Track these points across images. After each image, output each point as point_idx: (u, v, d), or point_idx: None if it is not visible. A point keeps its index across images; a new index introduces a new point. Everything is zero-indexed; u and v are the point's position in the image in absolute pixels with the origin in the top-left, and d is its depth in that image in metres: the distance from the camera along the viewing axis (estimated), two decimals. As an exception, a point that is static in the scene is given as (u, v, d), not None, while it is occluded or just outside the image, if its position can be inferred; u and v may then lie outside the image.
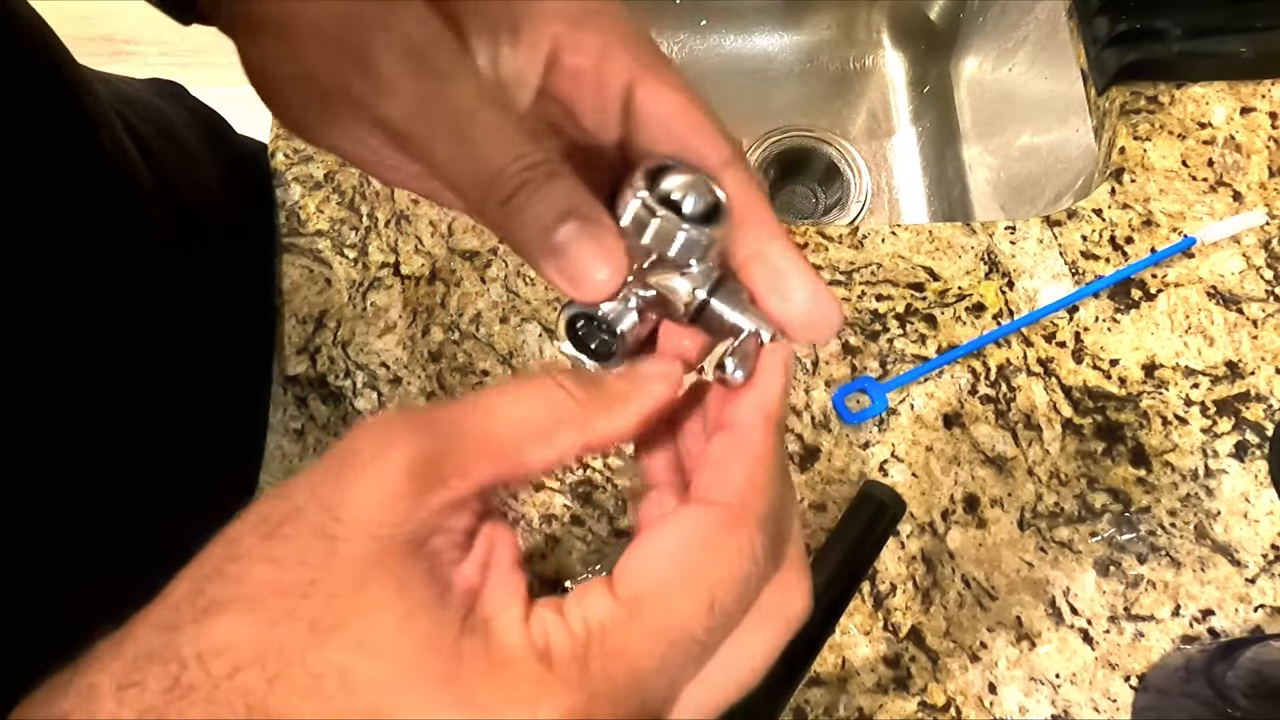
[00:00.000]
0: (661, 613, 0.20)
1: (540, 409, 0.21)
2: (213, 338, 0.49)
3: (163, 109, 0.53)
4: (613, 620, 0.19)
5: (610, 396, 0.22)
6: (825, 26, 0.88)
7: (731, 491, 0.21)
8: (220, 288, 0.50)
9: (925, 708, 0.47)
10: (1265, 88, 0.60)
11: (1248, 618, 0.48)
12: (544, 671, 0.19)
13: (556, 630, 0.19)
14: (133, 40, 1.52)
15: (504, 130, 0.22)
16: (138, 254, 0.41)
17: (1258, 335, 0.54)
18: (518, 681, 0.18)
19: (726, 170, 0.24)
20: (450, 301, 0.56)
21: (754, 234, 0.24)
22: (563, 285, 0.23)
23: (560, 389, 0.21)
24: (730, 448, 0.22)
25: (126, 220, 0.41)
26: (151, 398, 0.43)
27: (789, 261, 0.24)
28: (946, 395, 0.53)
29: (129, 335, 0.41)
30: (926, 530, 0.50)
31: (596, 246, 0.22)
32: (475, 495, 0.20)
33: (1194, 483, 0.51)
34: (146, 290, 0.42)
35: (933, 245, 0.57)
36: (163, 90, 0.57)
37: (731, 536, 0.21)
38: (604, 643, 0.19)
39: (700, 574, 0.20)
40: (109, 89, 0.47)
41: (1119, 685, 0.47)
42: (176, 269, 0.45)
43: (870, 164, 0.85)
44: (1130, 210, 0.57)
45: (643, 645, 0.19)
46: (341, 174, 0.59)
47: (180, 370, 0.45)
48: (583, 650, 0.19)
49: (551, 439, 0.21)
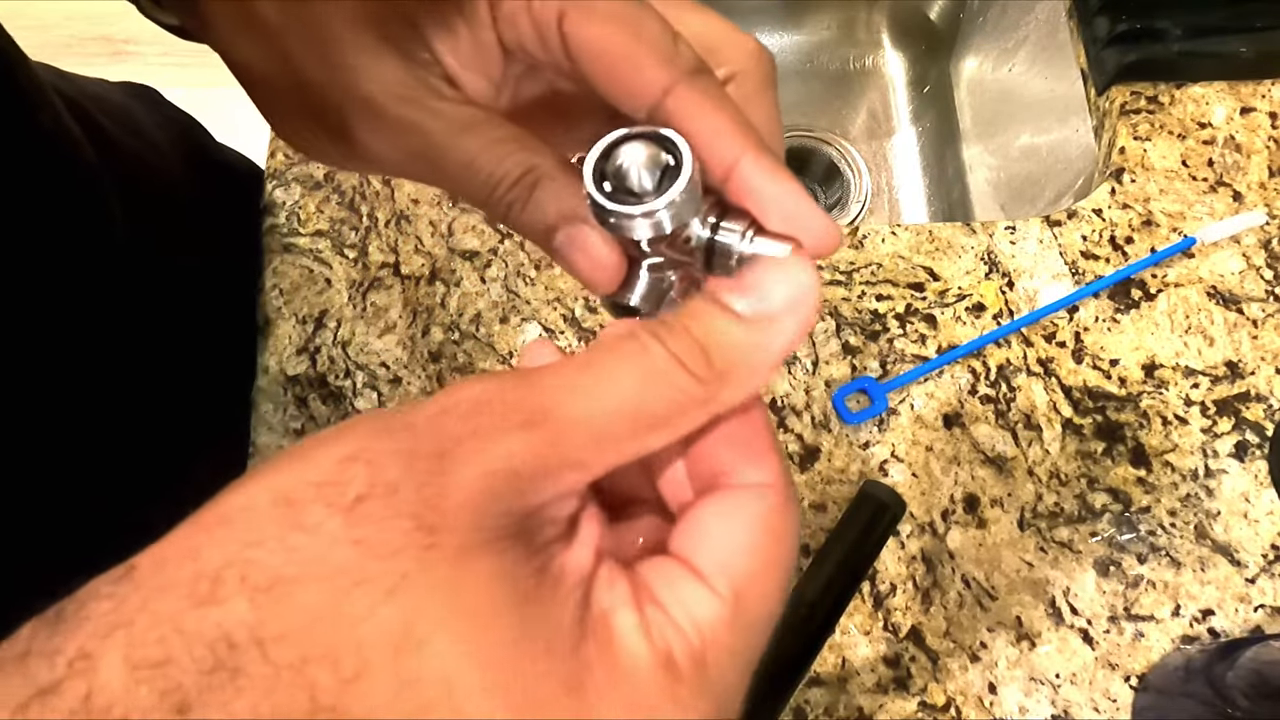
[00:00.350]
0: (756, 605, 0.19)
1: (658, 396, 0.18)
2: (189, 335, 0.49)
3: (131, 108, 0.53)
4: (720, 620, 0.18)
5: (735, 358, 0.19)
6: (825, 26, 0.88)
7: (772, 473, 0.20)
8: (196, 286, 0.50)
9: (925, 708, 0.47)
10: (1265, 88, 0.60)
11: (1248, 618, 0.48)
12: (674, 684, 0.17)
13: (674, 636, 0.18)
14: (133, 40, 1.52)
15: (480, 160, 0.23)
16: (82, 234, 0.41)
17: (1258, 335, 0.54)
18: (649, 696, 0.17)
19: (670, 97, 0.22)
20: (450, 301, 0.56)
21: (721, 153, 0.22)
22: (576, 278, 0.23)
23: (676, 365, 0.19)
24: (750, 427, 0.21)
25: (66, 196, 0.41)
26: (119, 391, 0.42)
27: (761, 177, 0.22)
28: (946, 395, 0.53)
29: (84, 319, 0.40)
30: (926, 530, 0.50)
31: (583, 255, 0.23)
32: (589, 485, 0.19)
33: (1194, 483, 0.51)
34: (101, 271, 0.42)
35: (933, 245, 0.57)
36: (133, 92, 0.57)
37: (786, 521, 0.20)
38: (716, 645, 0.18)
39: (775, 563, 0.19)
40: (70, 85, 0.47)
41: (1119, 685, 0.47)
42: (138, 258, 0.44)
43: (870, 164, 0.85)
44: (1130, 210, 0.57)
45: (746, 641, 0.19)
46: (341, 174, 0.59)
47: (154, 366, 0.45)
48: (701, 656, 0.18)
49: (672, 427, 0.19)
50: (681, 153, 0.21)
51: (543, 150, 0.23)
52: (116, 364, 0.42)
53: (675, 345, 0.19)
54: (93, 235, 0.42)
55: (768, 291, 0.20)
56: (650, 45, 0.22)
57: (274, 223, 0.58)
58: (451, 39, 0.24)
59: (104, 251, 0.42)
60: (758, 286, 0.20)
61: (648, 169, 0.21)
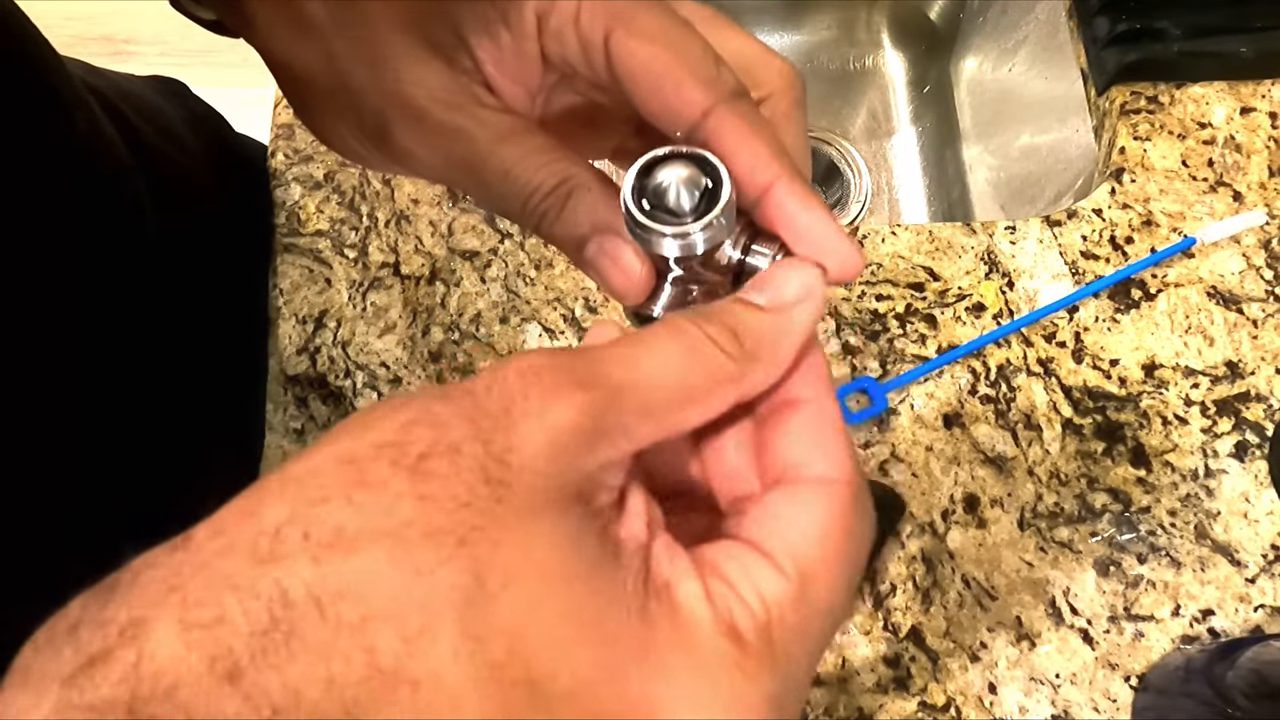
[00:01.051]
0: (824, 592, 0.19)
1: (696, 370, 0.20)
2: (207, 335, 0.49)
3: (161, 106, 0.53)
4: (787, 598, 0.18)
5: (760, 341, 0.21)
6: (825, 26, 0.88)
7: (845, 469, 0.21)
8: (217, 284, 0.51)
9: (925, 708, 0.47)
10: (1265, 88, 0.60)
11: (1248, 618, 0.48)
12: (739, 653, 0.17)
13: (739, 608, 0.18)
14: (133, 40, 1.52)
15: (518, 169, 0.23)
16: (115, 235, 0.41)
17: (1258, 335, 0.54)
18: (715, 665, 0.17)
19: (709, 118, 0.23)
20: (450, 301, 0.56)
21: (756, 177, 0.23)
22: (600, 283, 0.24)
23: (711, 344, 0.20)
24: (824, 422, 0.22)
25: (103, 197, 0.41)
26: (144, 390, 0.43)
27: (794, 204, 0.23)
28: (946, 395, 0.53)
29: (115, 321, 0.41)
30: (926, 530, 0.50)
31: (615, 267, 0.23)
32: (634, 455, 0.19)
33: (1194, 483, 0.51)
34: (132, 274, 0.42)
35: (933, 245, 0.57)
36: (163, 89, 0.57)
37: (858, 517, 0.20)
38: (783, 622, 0.18)
39: (844, 555, 0.20)
40: (106, 83, 0.47)
41: (1119, 685, 0.47)
42: (167, 259, 0.45)
43: (870, 164, 0.85)
44: (1130, 210, 0.57)
45: (815, 625, 0.19)
46: (341, 174, 0.59)
47: (174, 367, 0.45)
48: (767, 631, 0.18)
49: (709, 401, 0.20)
50: (721, 176, 0.22)
51: (578, 161, 0.24)
52: (143, 362, 0.42)
53: (710, 329, 0.20)
54: (125, 236, 0.42)
55: (781, 286, 0.22)
56: (693, 67, 0.23)
57: (274, 223, 0.58)
58: (495, 48, 0.25)
59: (136, 252, 0.42)
60: (772, 282, 0.22)
61: (687, 189, 0.22)
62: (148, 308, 0.43)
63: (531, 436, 0.16)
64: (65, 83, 0.39)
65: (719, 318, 0.21)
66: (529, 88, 0.26)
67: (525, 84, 0.25)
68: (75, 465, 0.39)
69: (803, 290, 0.22)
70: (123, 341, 0.41)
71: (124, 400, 0.41)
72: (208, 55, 1.54)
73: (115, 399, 0.41)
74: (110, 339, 0.40)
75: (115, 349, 0.41)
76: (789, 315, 0.21)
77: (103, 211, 0.41)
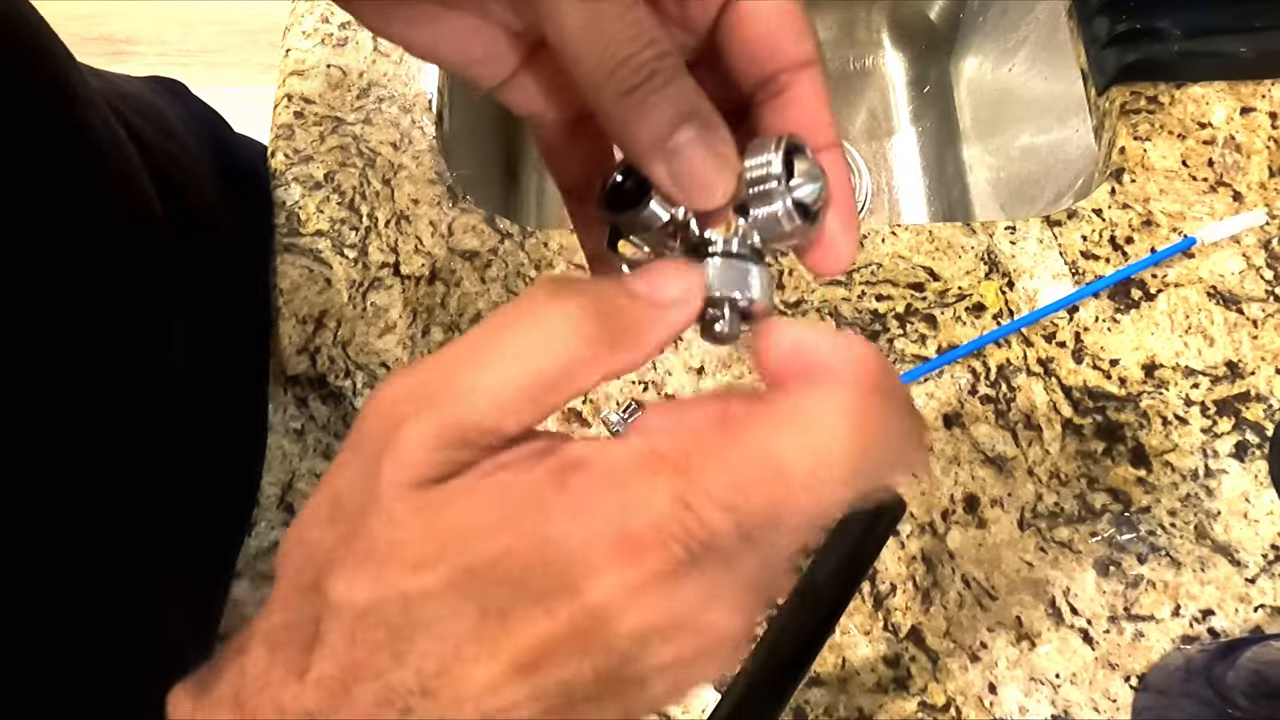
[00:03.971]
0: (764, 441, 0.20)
1: (548, 357, 0.20)
2: (207, 335, 0.49)
3: (160, 106, 0.53)
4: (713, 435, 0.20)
5: (625, 327, 0.21)
6: (825, 26, 0.88)
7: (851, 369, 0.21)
8: (218, 285, 0.50)
9: (925, 708, 0.47)
10: (1265, 88, 0.60)
11: (1248, 618, 0.48)
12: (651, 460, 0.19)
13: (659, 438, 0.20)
14: (133, 40, 1.52)
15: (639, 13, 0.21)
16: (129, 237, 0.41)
17: (1258, 335, 0.54)
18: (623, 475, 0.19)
19: (801, 73, 0.24)
20: (450, 301, 0.56)
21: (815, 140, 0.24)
22: (670, 188, 0.22)
23: (568, 324, 0.20)
24: None
25: (120, 196, 0.41)
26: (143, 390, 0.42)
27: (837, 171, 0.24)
28: (946, 395, 0.53)
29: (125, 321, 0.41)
30: (926, 530, 0.50)
31: (714, 156, 0.22)
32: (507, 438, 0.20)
33: (1194, 483, 0.51)
34: (143, 277, 0.42)
35: (933, 245, 0.57)
36: (162, 88, 0.57)
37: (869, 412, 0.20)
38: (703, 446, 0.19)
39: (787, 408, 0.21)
40: (105, 84, 0.47)
41: (1119, 685, 0.47)
42: (173, 259, 0.45)
43: (870, 164, 0.85)
44: (1130, 210, 0.57)
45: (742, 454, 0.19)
46: (341, 174, 0.59)
47: (175, 366, 0.45)
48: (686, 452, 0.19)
49: (565, 387, 0.20)
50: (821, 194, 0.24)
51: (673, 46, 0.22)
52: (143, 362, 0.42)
53: (575, 305, 0.21)
54: (139, 237, 0.42)
55: (662, 285, 0.22)
56: (800, 24, 0.24)
57: (274, 223, 0.58)
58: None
59: (148, 254, 0.42)
60: (657, 278, 0.22)
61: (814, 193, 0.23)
62: (152, 310, 0.43)
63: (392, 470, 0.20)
64: (81, 81, 0.39)
65: (593, 300, 0.21)
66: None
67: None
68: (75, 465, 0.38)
69: (680, 295, 0.22)
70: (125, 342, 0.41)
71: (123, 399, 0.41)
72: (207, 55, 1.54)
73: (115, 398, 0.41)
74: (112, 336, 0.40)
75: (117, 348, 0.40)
76: (657, 314, 0.22)
77: (120, 210, 0.41)
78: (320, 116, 0.61)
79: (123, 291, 0.40)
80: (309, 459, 0.53)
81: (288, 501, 0.52)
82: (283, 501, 0.52)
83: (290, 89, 0.62)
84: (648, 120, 0.21)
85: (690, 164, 0.22)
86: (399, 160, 0.60)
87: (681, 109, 0.21)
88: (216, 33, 1.61)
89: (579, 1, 0.21)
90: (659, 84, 0.21)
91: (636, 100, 0.21)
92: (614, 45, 0.21)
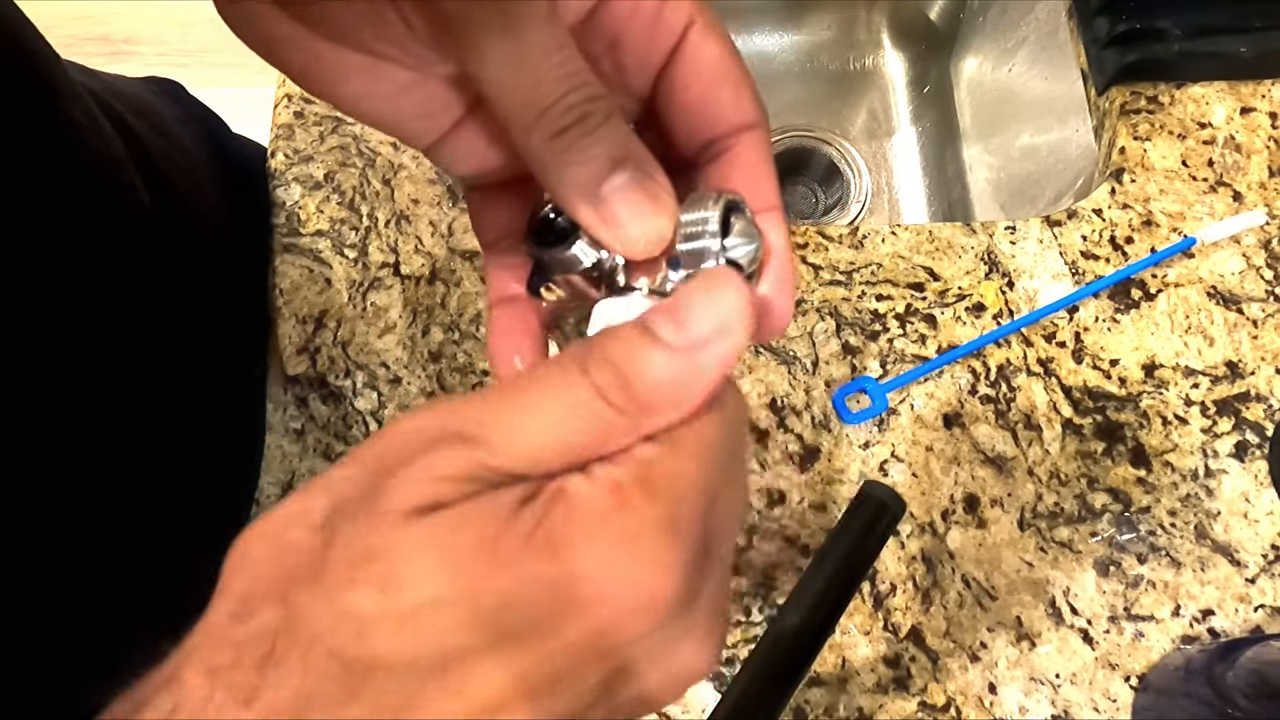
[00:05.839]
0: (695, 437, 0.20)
1: (579, 431, 0.19)
2: (207, 335, 0.49)
3: (156, 106, 0.53)
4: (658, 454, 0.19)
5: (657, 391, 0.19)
6: (825, 26, 0.88)
7: None
8: (215, 285, 0.50)
9: (925, 708, 0.47)
10: (1265, 88, 0.60)
11: (1248, 618, 0.48)
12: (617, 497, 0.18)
13: (614, 471, 0.19)
14: (133, 40, 1.52)
15: (569, 56, 0.20)
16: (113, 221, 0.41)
17: (1258, 335, 0.54)
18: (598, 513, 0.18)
19: (743, 136, 0.24)
20: (450, 301, 0.56)
21: (757, 201, 0.24)
22: (602, 235, 0.21)
23: (598, 399, 0.19)
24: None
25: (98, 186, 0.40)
26: (142, 389, 0.42)
27: (776, 234, 0.24)
28: (946, 395, 0.53)
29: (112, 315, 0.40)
30: (926, 530, 0.50)
31: (649, 202, 0.21)
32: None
33: (1194, 483, 0.51)
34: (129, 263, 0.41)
35: (933, 245, 0.57)
36: (158, 89, 0.57)
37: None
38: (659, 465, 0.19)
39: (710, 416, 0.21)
40: (100, 83, 0.47)
41: (1119, 685, 0.47)
42: (165, 258, 0.44)
43: (870, 164, 0.85)
44: (1130, 210, 0.57)
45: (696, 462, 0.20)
46: (341, 174, 0.59)
47: (172, 366, 0.45)
48: (646, 473, 0.19)
49: (601, 449, 0.20)
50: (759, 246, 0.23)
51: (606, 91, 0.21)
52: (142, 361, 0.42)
53: (598, 378, 0.19)
54: (121, 225, 0.42)
55: (696, 319, 0.20)
56: (739, 86, 0.23)
57: (274, 223, 0.58)
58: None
59: (132, 240, 0.42)
60: (686, 311, 0.20)
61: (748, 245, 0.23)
62: (146, 306, 0.43)
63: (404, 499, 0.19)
64: (63, 76, 0.39)
65: (611, 362, 0.19)
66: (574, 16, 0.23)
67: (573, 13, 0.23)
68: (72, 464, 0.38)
69: (718, 327, 0.19)
70: (120, 339, 0.41)
71: (121, 399, 0.41)
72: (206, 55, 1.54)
73: (113, 398, 0.41)
74: (107, 333, 0.40)
75: (112, 345, 0.40)
76: (696, 361, 0.19)
77: (98, 200, 0.40)
78: (320, 116, 0.61)
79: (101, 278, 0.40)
80: (309, 459, 0.53)
81: (287, 501, 0.52)
82: (282, 501, 0.51)
83: (290, 89, 0.62)
84: (579, 164, 0.20)
85: (622, 211, 0.21)
86: (399, 160, 0.60)
87: (614, 153, 0.20)
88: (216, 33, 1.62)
89: (507, 42, 0.20)
90: (591, 126, 0.20)
91: (566, 143, 0.20)
92: (544, 86, 0.20)
